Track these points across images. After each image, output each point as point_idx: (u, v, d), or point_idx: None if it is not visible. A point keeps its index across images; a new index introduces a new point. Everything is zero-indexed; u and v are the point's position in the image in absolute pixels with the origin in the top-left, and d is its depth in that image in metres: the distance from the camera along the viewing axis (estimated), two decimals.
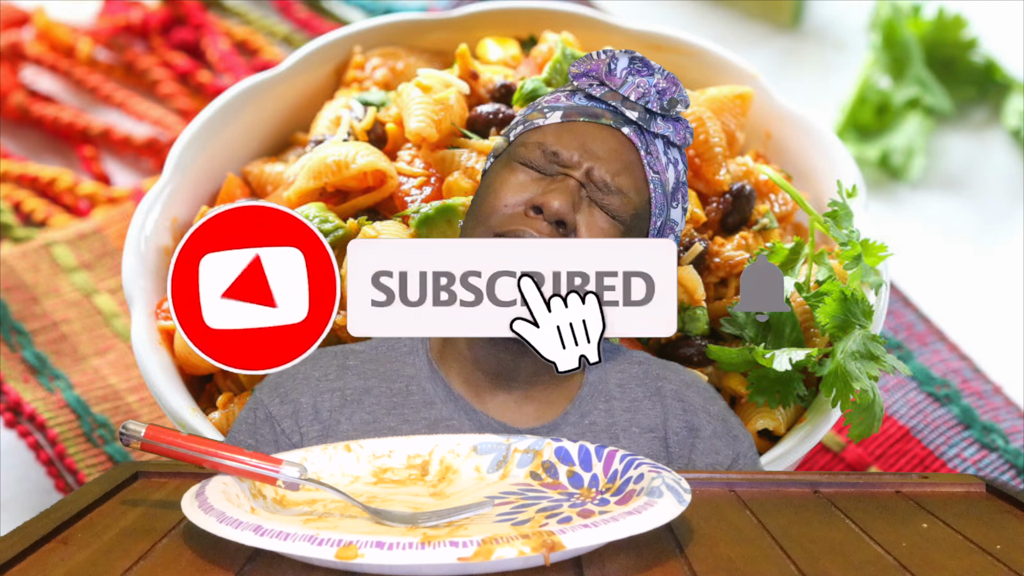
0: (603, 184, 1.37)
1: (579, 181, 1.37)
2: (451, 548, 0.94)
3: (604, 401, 1.40)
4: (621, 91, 1.42)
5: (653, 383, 1.42)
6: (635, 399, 1.41)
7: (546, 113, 1.42)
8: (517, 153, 1.40)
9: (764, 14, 2.67)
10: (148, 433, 1.17)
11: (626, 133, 1.40)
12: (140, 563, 1.02)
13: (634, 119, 1.41)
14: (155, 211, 1.70)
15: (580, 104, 1.42)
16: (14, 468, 2.03)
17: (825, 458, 2.07)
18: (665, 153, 1.43)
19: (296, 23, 2.63)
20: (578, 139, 1.39)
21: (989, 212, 2.45)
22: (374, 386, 1.39)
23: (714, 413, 1.42)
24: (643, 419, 1.39)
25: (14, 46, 2.56)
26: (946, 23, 2.54)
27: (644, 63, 1.44)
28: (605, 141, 1.39)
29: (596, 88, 1.43)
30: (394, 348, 1.42)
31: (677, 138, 1.43)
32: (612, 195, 1.37)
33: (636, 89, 1.41)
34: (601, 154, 1.38)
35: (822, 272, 1.53)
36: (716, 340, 1.60)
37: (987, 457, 2.06)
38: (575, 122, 1.40)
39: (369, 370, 1.40)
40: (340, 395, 1.38)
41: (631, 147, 1.40)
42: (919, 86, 2.51)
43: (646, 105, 1.41)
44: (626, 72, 1.43)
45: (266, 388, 1.41)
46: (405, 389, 1.38)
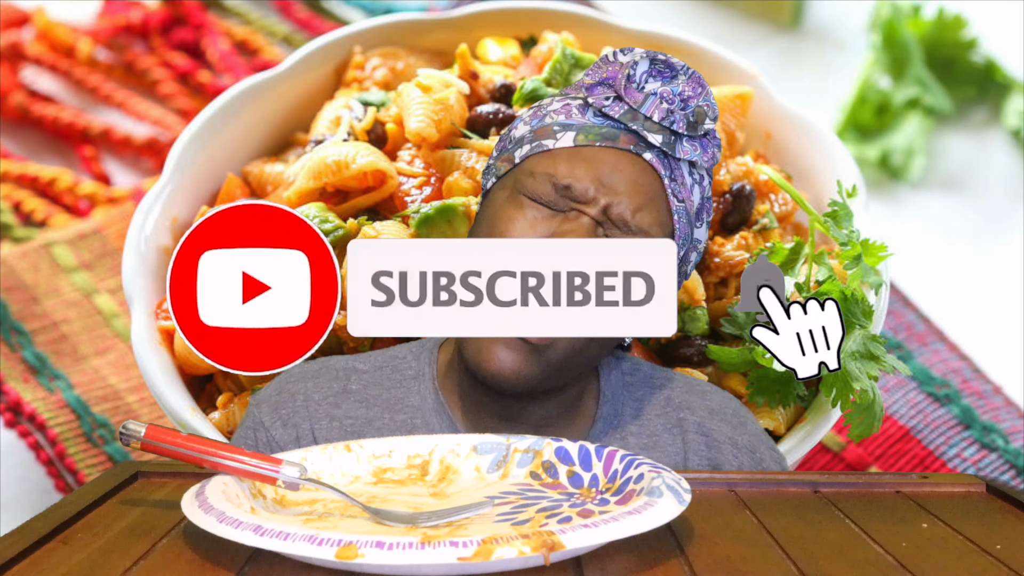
0: (622, 223, 1.29)
1: (595, 219, 1.28)
2: (451, 548, 0.94)
3: (619, 439, 1.34)
4: (643, 111, 1.30)
5: (675, 413, 1.35)
6: (653, 433, 1.34)
7: (556, 134, 1.31)
8: (524, 185, 1.30)
9: (764, 14, 2.67)
10: (148, 433, 1.17)
11: (648, 160, 1.30)
12: (140, 563, 1.02)
13: (657, 144, 1.30)
14: (155, 211, 1.70)
15: (594, 124, 1.31)
16: (14, 468, 2.03)
17: (825, 458, 2.07)
18: (691, 175, 1.33)
19: (296, 23, 2.63)
20: (593, 170, 1.29)
21: (989, 212, 2.45)
22: (376, 416, 1.34)
23: (742, 444, 1.35)
24: (660, 456, 1.33)
25: (14, 46, 2.56)
26: (946, 23, 2.54)
27: (667, 65, 1.31)
28: (624, 171, 1.29)
29: (613, 106, 1.31)
30: (399, 371, 1.37)
31: (705, 159, 1.32)
32: (632, 234, 1.29)
33: (659, 108, 1.30)
34: (620, 188, 1.29)
35: (822, 272, 1.53)
36: (716, 340, 1.60)
37: (987, 457, 2.06)
38: (590, 147, 1.30)
39: (372, 396, 1.35)
40: (339, 425, 1.33)
41: (653, 176, 1.31)
42: (919, 86, 2.51)
43: (671, 126, 1.30)
44: (646, 81, 1.31)
45: (266, 408, 1.37)
46: (409, 422, 1.34)
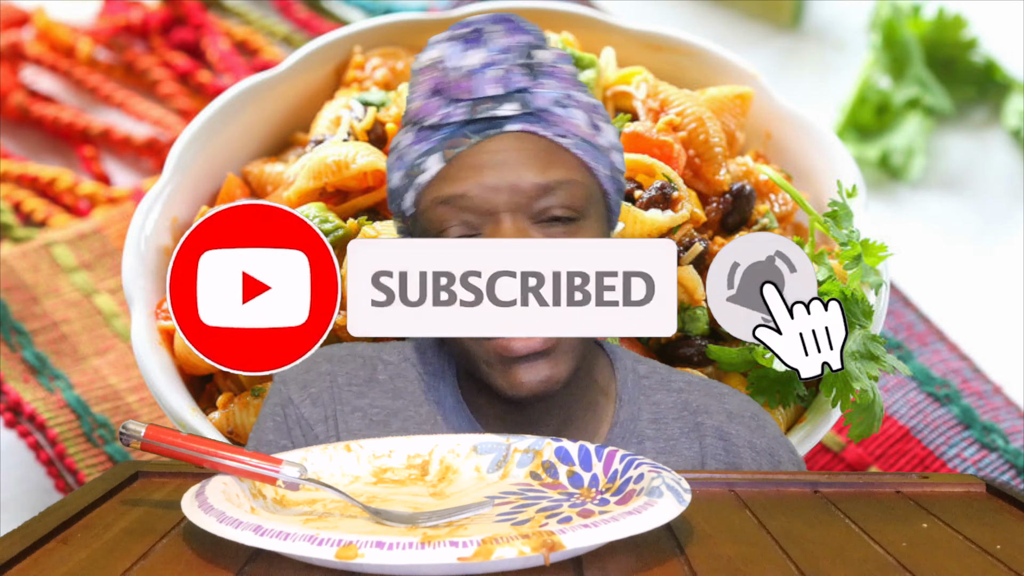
0: (539, 190, 1.24)
1: (508, 211, 1.24)
2: (451, 548, 0.94)
3: (636, 443, 1.32)
4: (478, 95, 1.23)
5: (692, 417, 1.33)
6: (670, 437, 1.32)
7: (422, 166, 1.26)
8: (426, 228, 1.27)
9: (764, 14, 2.67)
10: (148, 433, 1.17)
11: (517, 129, 1.24)
12: (140, 563, 1.02)
13: (515, 112, 1.24)
14: (155, 211, 1.70)
15: (448, 134, 1.25)
16: (14, 468, 2.03)
17: (825, 458, 2.07)
18: (561, 107, 1.25)
19: (296, 23, 2.63)
20: (475, 167, 1.24)
21: (989, 212, 2.45)
22: (402, 408, 1.32)
23: (760, 448, 1.32)
24: (678, 461, 1.31)
25: (14, 46, 2.56)
26: (946, 23, 2.54)
27: (470, 31, 1.22)
28: (503, 152, 1.24)
29: (452, 111, 1.24)
30: (422, 364, 1.34)
31: (564, 84, 1.25)
32: (552, 194, 1.24)
33: (490, 82, 1.22)
34: (510, 165, 1.24)
35: (822, 272, 1.53)
36: (716, 340, 1.60)
37: (987, 457, 2.06)
38: (458, 157, 1.24)
39: (399, 388, 1.33)
40: (362, 415, 1.32)
41: (531, 138, 1.24)
42: (919, 86, 2.51)
43: (514, 89, 1.23)
44: (463, 62, 1.22)
45: (293, 385, 1.34)
46: (433, 417, 1.32)
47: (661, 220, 1.57)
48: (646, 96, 1.73)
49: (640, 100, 1.73)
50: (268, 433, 1.33)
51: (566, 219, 1.25)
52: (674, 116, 1.69)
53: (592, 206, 1.28)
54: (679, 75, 1.83)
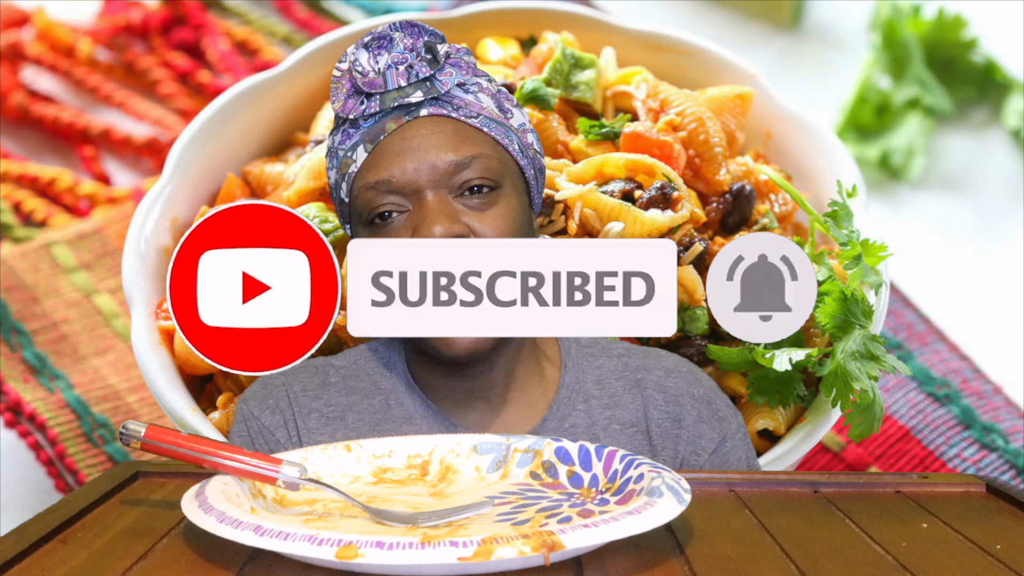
0: (454, 167, 1.32)
1: (434, 191, 1.32)
2: (451, 548, 0.94)
3: (583, 401, 1.39)
4: (390, 87, 1.33)
5: (633, 375, 1.40)
6: (614, 394, 1.39)
7: (351, 156, 1.35)
8: (361, 211, 1.34)
9: (764, 14, 2.67)
10: (148, 433, 1.17)
11: (427, 114, 1.34)
12: (140, 563, 1.02)
13: (422, 98, 1.33)
14: (155, 211, 1.70)
15: (367, 127, 1.35)
16: (14, 468, 2.03)
17: (825, 458, 2.07)
18: (467, 92, 1.36)
19: (296, 23, 2.63)
20: (396, 152, 1.33)
21: (989, 212, 2.45)
22: (355, 402, 1.39)
23: (699, 396, 1.40)
24: (623, 415, 1.38)
25: (14, 46, 2.56)
26: (946, 23, 2.54)
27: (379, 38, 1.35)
28: (419, 136, 1.33)
29: (369, 105, 1.33)
30: (372, 360, 1.41)
31: (466, 73, 1.35)
32: (468, 168, 1.32)
33: (399, 74, 1.33)
34: (427, 147, 1.32)
35: (822, 272, 1.53)
36: (716, 340, 1.60)
37: (987, 457, 2.06)
38: (378, 145, 1.33)
39: (350, 386, 1.40)
40: (319, 415, 1.38)
41: (443, 121, 1.34)
42: (919, 86, 2.51)
43: (419, 78, 1.33)
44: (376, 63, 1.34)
45: (252, 400, 1.41)
46: (385, 403, 1.38)
47: (661, 220, 1.57)
48: (646, 96, 1.73)
49: (640, 100, 1.73)
50: None
51: (485, 188, 1.33)
52: (674, 116, 1.69)
53: (507, 177, 1.35)
54: (679, 75, 1.83)
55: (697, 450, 1.38)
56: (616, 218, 1.57)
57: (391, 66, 1.34)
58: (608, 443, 1.36)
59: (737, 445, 1.41)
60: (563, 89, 1.73)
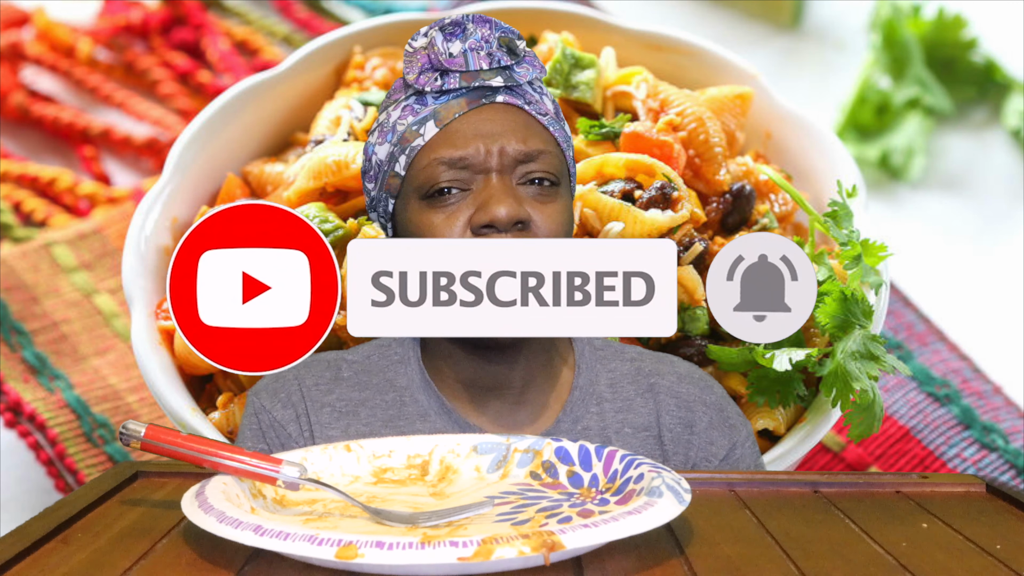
0: (523, 156, 1.33)
1: (498, 172, 1.33)
2: (451, 548, 0.94)
3: (596, 404, 1.39)
4: (471, 68, 1.35)
5: (646, 380, 1.40)
6: (627, 398, 1.39)
7: (419, 131, 1.35)
8: (421, 184, 1.34)
9: (764, 14, 2.67)
10: (148, 433, 1.17)
11: (503, 100, 1.35)
12: (140, 563, 1.02)
13: (501, 84, 1.35)
14: (155, 211, 1.70)
15: (442, 103, 1.35)
16: (14, 468, 2.03)
17: (825, 458, 2.07)
18: (535, 90, 1.39)
19: (296, 23, 2.63)
20: (471, 133, 1.33)
21: (989, 212, 2.45)
22: (368, 398, 1.38)
23: (710, 403, 1.40)
24: (635, 419, 1.38)
25: (14, 46, 2.56)
26: (946, 23, 2.54)
27: (455, 24, 1.36)
28: (494, 120, 1.34)
29: (447, 80, 1.35)
30: (386, 357, 1.41)
31: (538, 73, 1.38)
32: (534, 161, 1.34)
33: (481, 57, 1.35)
34: (501, 133, 1.33)
35: (822, 272, 1.53)
36: (716, 340, 1.60)
37: (987, 457, 2.06)
38: (453, 121, 1.34)
39: (363, 381, 1.40)
40: (331, 409, 1.38)
41: (515, 110, 1.35)
42: (919, 86, 2.51)
43: (500, 64, 1.35)
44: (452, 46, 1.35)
45: (264, 393, 1.40)
46: (399, 400, 1.38)
47: (661, 220, 1.57)
48: (646, 96, 1.73)
49: (640, 100, 1.73)
50: (247, 440, 1.39)
51: (547, 182, 1.34)
52: (674, 116, 1.69)
53: (564, 178, 1.37)
54: (679, 75, 1.83)
55: (708, 456, 1.38)
56: (616, 218, 1.57)
57: (471, 50, 1.35)
58: (621, 446, 1.36)
59: (746, 453, 1.41)
60: (563, 89, 1.73)
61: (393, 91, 1.41)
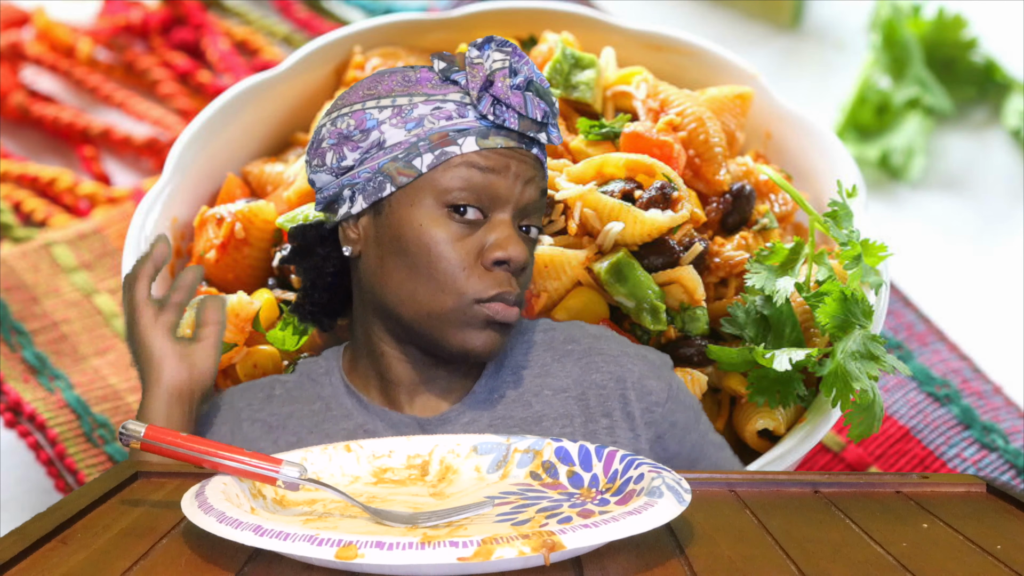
0: (533, 207, 1.38)
1: (512, 213, 1.36)
2: (451, 548, 0.94)
3: (511, 373, 1.41)
4: (529, 114, 1.35)
5: (562, 346, 1.42)
6: (543, 364, 1.41)
7: (456, 140, 1.34)
8: (446, 190, 1.34)
9: (764, 14, 2.67)
10: (148, 433, 1.17)
11: (535, 153, 1.38)
12: (140, 563, 1.02)
13: (543, 141, 1.38)
14: (155, 211, 1.70)
15: (486, 127, 1.35)
16: (14, 468, 2.03)
17: (825, 458, 2.07)
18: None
19: (296, 23, 2.62)
20: (509, 173, 1.35)
21: (989, 212, 2.44)
22: (296, 410, 1.42)
23: (633, 353, 1.42)
24: (553, 381, 1.40)
25: (14, 46, 2.56)
26: (946, 23, 2.54)
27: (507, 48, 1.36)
28: (525, 167, 1.36)
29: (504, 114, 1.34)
30: (312, 371, 1.45)
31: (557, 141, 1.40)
32: (533, 215, 1.38)
33: (539, 107, 1.36)
34: (527, 178, 1.36)
35: (822, 272, 1.53)
36: (716, 340, 1.60)
37: (987, 457, 2.06)
38: (494, 151, 1.35)
39: (294, 396, 1.43)
40: (262, 424, 1.41)
41: (540, 166, 1.39)
42: (919, 86, 2.50)
43: (547, 121, 1.37)
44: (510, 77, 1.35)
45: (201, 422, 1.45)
46: (325, 408, 1.41)
47: (661, 220, 1.57)
48: (646, 96, 1.73)
49: (640, 100, 1.73)
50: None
51: (535, 230, 1.39)
52: (674, 116, 1.69)
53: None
54: (679, 75, 1.82)
55: (650, 405, 1.39)
56: (616, 218, 1.57)
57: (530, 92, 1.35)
58: (540, 408, 1.38)
59: (682, 386, 1.44)
60: (563, 89, 1.73)
61: (420, 82, 1.37)
